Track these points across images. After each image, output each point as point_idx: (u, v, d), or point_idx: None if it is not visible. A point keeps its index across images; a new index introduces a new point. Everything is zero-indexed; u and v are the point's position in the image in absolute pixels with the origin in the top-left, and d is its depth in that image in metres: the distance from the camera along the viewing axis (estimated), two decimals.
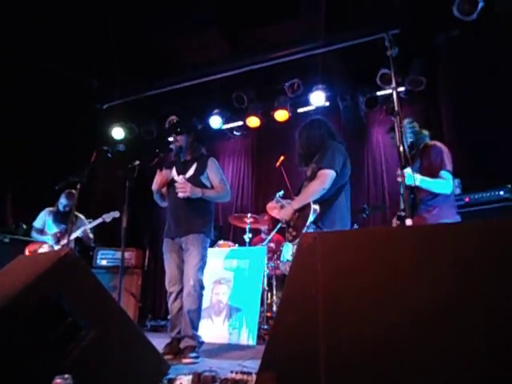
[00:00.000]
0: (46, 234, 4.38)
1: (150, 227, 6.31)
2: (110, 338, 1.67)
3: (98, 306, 1.68)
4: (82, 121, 5.27)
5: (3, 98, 4.48)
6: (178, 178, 3.03)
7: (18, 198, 4.94)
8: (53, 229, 4.40)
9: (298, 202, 2.67)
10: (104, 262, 4.89)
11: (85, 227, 4.27)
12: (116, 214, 4.22)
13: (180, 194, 2.91)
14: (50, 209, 4.51)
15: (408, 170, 2.12)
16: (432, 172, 2.47)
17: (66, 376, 1.37)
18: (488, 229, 0.86)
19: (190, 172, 3.10)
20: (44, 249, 4.30)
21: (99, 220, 4.25)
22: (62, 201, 4.41)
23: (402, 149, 1.77)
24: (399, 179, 2.20)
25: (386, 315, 0.90)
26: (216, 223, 5.94)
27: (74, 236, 4.26)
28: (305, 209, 2.63)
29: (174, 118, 5.66)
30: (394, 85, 1.93)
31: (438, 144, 2.64)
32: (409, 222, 1.65)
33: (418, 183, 2.30)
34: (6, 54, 4.30)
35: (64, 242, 4.23)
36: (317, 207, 2.59)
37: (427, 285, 0.86)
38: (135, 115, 5.94)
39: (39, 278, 1.51)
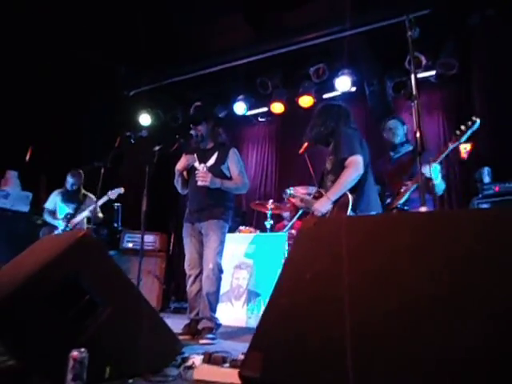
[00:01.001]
0: (57, 217, 4.47)
1: (175, 212, 6.44)
2: (125, 316, 1.74)
3: (114, 285, 1.76)
4: (109, 107, 5.41)
5: (34, 85, 4.66)
6: (200, 167, 3.06)
7: (51, 181, 5.15)
8: (63, 209, 4.49)
9: (334, 192, 2.57)
10: (130, 245, 5.05)
11: (93, 206, 4.26)
12: (121, 190, 4.27)
13: (199, 183, 2.96)
14: (59, 190, 4.60)
15: (437, 166, 2.11)
16: None
17: (82, 350, 1.45)
18: (487, 217, 0.82)
19: (211, 161, 3.13)
20: (57, 232, 4.38)
21: (105, 198, 4.27)
22: (69, 179, 4.50)
23: (418, 134, 1.72)
24: (425, 170, 2.19)
25: (383, 302, 0.89)
26: (239, 209, 6.01)
27: (82, 216, 4.35)
28: (341, 199, 2.58)
29: (198, 104, 5.69)
30: (412, 68, 1.86)
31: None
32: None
33: (437, 182, 2.36)
34: (35, 40, 4.45)
35: (74, 223, 4.35)
36: (354, 196, 2.55)
37: (425, 271, 0.84)
38: (161, 102, 6.02)
39: (59, 257, 1.59)
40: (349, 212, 2.49)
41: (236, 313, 3.83)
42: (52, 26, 4.48)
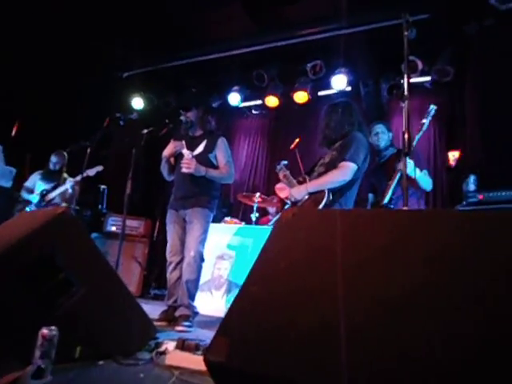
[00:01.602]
0: (33, 193, 4.48)
1: (162, 198, 6.38)
2: (100, 297, 1.72)
3: (91, 265, 1.73)
4: (102, 89, 5.31)
5: (27, 63, 4.55)
6: (186, 153, 3.03)
7: (36, 159, 5.06)
8: (40, 186, 4.50)
9: (314, 185, 2.60)
10: (113, 228, 5.00)
11: (70, 184, 4.25)
12: (99, 168, 4.24)
13: (184, 170, 2.93)
14: (40, 171, 4.64)
15: (410, 161, 2.12)
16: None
17: (53, 327, 1.43)
18: (463, 217, 0.83)
19: (200, 149, 3.10)
20: (30, 208, 4.37)
21: (79, 177, 4.10)
22: (52, 159, 4.51)
23: (406, 136, 1.72)
24: (400, 167, 2.20)
25: (359, 294, 0.89)
26: (226, 200, 5.99)
27: (57, 192, 4.33)
28: (318, 193, 2.59)
29: (192, 90, 5.64)
30: (405, 69, 1.86)
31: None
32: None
33: (416, 175, 2.38)
34: (30, 21, 4.34)
35: (48, 199, 4.33)
36: (331, 196, 2.55)
37: (400, 269, 0.84)
38: (155, 86, 5.94)
39: (34, 233, 1.56)
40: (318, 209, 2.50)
41: (215, 303, 3.83)
42: (47, 5, 4.37)
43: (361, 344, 0.80)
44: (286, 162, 3.03)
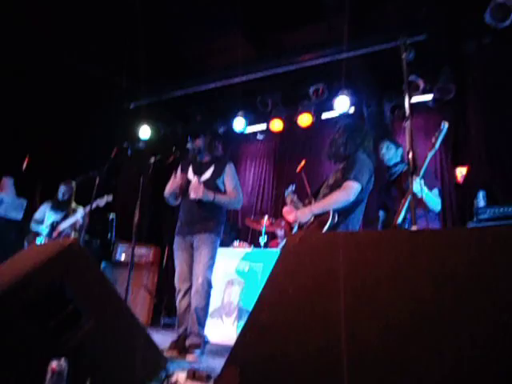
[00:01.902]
0: (43, 224, 4.45)
1: (170, 225, 6.40)
2: (109, 328, 1.71)
3: (100, 296, 1.73)
4: (109, 120, 5.45)
5: (36, 96, 4.70)
6: (193, 180, 3.06)
7: (46, 190, 5.14)
8: (50, 217, 4.47)
9: (319, 207, 2.59)
10: (123, 257, 5.00)
11: (80, 214, 4.22)
12: (109, 198, 4.19)
13: (192, 195, 2.94)
14: (49, 201, 4.61)
15: (418, 181, 2.12)
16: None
17: (62, 360, 1.42)
18: (471, 237, 0.82)
19: (207, 174, 3.12)
20: (41, 240, 4.36)
21: (93, 205, 4.06)
22: (61, 189, 4.50)
23: (411, 155, 1.72)
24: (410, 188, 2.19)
25: (366, 317, 0.87)
26: (235, 224, 5.99)
27: (67, 223, 4.30)
28: (323, 215, 2.58)
29: (199, 118, 5.75)
30: (406, 89, 1.88)
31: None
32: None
33: (423, 195, 2.36)
34: (38, 51, 4.51)
35: (59, 230, 4.31)
36: (336, 217, 2.54)
37: (406, 291, 0.83)
38: (161, 116, 6.07)
39: (43, 265, 1.57)
40: (323, 231, 2.48)
41: (226, 330, 3.76)
42: (54, 37, 4.56)
43: (367, 368, 0.78)
44: (293, 187, 3.05)
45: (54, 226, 4.37)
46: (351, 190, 2.53)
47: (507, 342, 0.70)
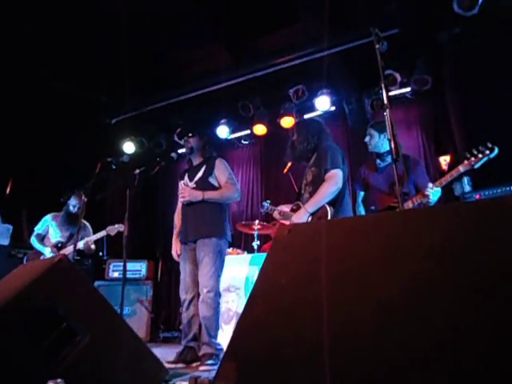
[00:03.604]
0: (47, 242, 4.26)
1: (163, 239, 6.36)
2: (106, 343, 1.67)
3: (93, 312, 1.70)
4: (91, 136, 5.41)
5: (15, 115, 4.65)
6: (180, 184, 3.06)
7: (32, 214, 5.06)
8: (57, 233, 4.25)
9: (312, 205, 2.59)
10: (116, 274, 4.94)
11: (87, 239, 4.10)
12: (121, 228, 4.08)
13: (180, 199, 2.95)
14: (56, 213, 4.37)
15: (438, 188, 2.25)
16: (419, 187, 2.73)
17: (59, 380, 1.39)
18: (458, 212, 0.83)
19: (199, 174, 3.11)
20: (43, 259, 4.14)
21: (103, 233, 4.12)
22: (72, 201, 4.22)
23: (393, 144, 1.74)
24: (427, 199, 2.31)
25: (360, 304, 0.87)
26: None
27: (71, 250, 4.00)
28: (319, 211, 2.59)
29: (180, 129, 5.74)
30: (382, 79, 1.91)
31: (417, 159, 3.06)
32: None
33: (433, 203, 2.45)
34: (16, 71, 4.47)
35: (64, 253, 4.16)
36: (332, 209, 2.57)
37: (397, 271, 0.83)
38: (144, 129, 6.05)
39: (33, 284, 1.54)
40: None
41: (226, 337, 3.72)
42: (31, 57, 4.52)
43: (362, 348, 0.78)
44: (268, 201, 3.10)
45: (58, 248, 4.15)
46: (336, 178, 2.58)
47: (495, 307, 0.70)
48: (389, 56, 3.96)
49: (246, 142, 6.32)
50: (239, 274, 4.04)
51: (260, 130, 5.76)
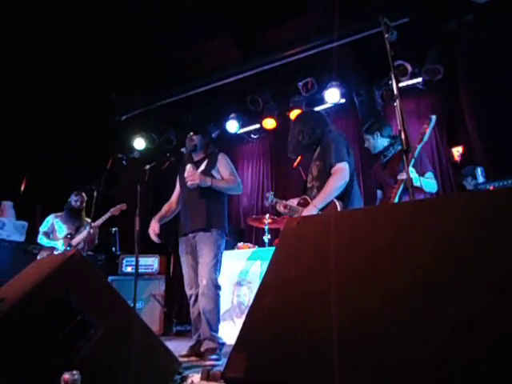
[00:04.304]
0: (56, 238, 4.35)
1: (174, 233, 6.40)
2: (119, 336, 1.70)
3: (107, 305, 1.73)
4: (103, 133, 5.46)
5: (28, 113, 4.71)
6: (187, 168, 3.00)
7: (47, 210, 5.15)
8: (63, 230, 4.36)
9: (321, 200, 2.53)
10: (129, 269, 5.00)
11: (94, 224, 4.15)
12: (123, 207, 4.24)
13: (189, 183, 2.89)
14: (57, 213, 4.50)
15: (413, 170, 2.15)
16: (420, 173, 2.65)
17: (74, 372, 1.41)
18: (468, 202, 0.81)
19: (202, 167, 3.11)
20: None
21: (108, 214, 4.22)
22: (73, 197, 4.41)
23: (403, 135, 1.72)
24: (403, 176, 2.22)
25: (370, 295, 0.87)
26: (237, 226, 5.98)
27: (81, 237, 4.22)
28: (329, 206, 2.57)
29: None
30: (391, 69, 1.88)
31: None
32: None
33: (421, 183, 2.37)
34: (29, 69, 4.52)
35: (74, 243, 4.24)
36: (341, 203, 2.54)
37: (407, 261, 0.83)
38: (154, 125, 6.08)
39: (46, 279, 1.57)
40: None
41: (238, 331, 3.75)
42: (42, 54, 4.57)
43: (371, 336, 0.78)
44: (272, 193, 3.07)
45: (69, 239, 4.27)
46: (343, 171, 2.53)
47: (508, 299, 0.69)
48: (399, 46, 3.91)
49: (256, 137, 6.31)
50: (250, 267, 4.06)
51: (269, 123, 5.73)
